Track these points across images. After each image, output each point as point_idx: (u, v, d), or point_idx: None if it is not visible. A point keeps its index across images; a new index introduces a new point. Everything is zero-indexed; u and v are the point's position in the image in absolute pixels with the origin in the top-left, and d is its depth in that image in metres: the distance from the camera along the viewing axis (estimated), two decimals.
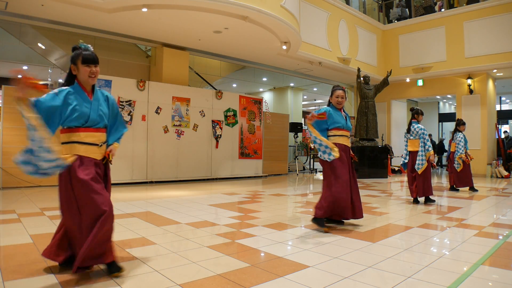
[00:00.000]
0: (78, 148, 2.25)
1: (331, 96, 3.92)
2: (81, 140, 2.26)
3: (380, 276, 2.35)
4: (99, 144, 2.32)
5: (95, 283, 2.15)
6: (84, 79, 2.28)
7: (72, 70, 2.30)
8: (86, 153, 2.27)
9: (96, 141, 2.30)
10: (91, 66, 2.26)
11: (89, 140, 2.28)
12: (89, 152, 2.28)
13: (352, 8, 11.76)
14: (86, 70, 2.26)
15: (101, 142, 2.34)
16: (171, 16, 6.86)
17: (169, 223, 3.92)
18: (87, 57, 2.25)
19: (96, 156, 2.31)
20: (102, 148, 2.36)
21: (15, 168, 6.53)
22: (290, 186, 8.20)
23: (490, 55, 10.63)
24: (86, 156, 2.26)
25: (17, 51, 9.34)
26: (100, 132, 2.34)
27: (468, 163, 7.15)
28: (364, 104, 10.60)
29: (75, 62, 2.26)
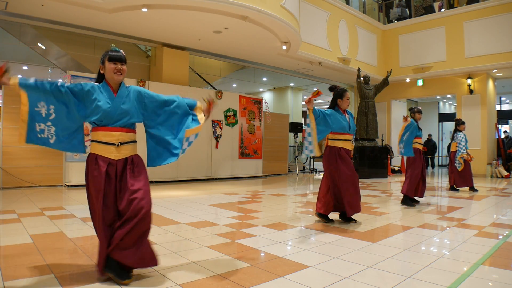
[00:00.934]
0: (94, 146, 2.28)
1: (340, 98, 3.89)
2: (98, 139, 2.27)
3: (380, 276, 2.35)
4: (116, 144, 2.27)
5: (95, 283, 2.15)
6: (110, 76, 2.29)
7: (100, 69, 2.35)
8: (102, 153, 2.26)
9: (114, 141, 2.26)
10: (117, 63, 2.29)
11: (106, 139, 2.26)
12: (104, 151, 2.26)
13: (352, 8, 11.76)
14: (111, 67, 2.28)
15: (119, 141, 2.28)
16: (171, 16, 6.86)
17: (169, 223, 3.92)
18: (114, 55, 2.30)
19: (112, 156, 2.26)
20: (121, 148, 2.29)
21: (15, 168, 6.56)
22: (290, 186, 8.20)
23: (490, 55, 10.63)
24: (101, 156, 2.26)
25: (17, 51, 9.33)
26: (120, 131, 2.29)
27: (470, 161, 7.16)
28: (364, 104, 10.60)
29: (103, 61, 2.32)
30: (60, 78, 9.90)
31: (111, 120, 2.26)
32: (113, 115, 2.26)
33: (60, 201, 5.41)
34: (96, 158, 2.25)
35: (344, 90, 3.93)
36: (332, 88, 4.01)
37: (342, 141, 3.87)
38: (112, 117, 2.26)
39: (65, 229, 3.51)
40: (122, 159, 2.30)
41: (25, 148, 6.68)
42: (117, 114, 2.27)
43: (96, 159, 2.25)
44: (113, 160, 2.26)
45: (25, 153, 6.70)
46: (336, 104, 3.95)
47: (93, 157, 2.26)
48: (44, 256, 2.64)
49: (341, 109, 3.93)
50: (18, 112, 7.09)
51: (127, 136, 2.33)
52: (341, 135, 3.87)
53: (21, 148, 6.66)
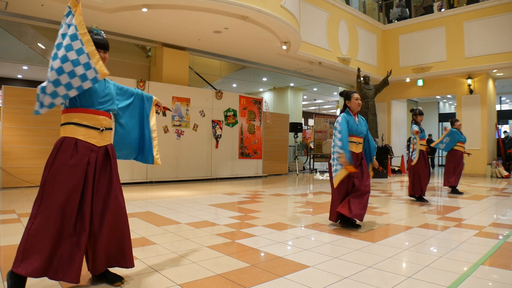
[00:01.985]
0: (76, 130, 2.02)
1: (349, 100, 3.83)
2: (79, 122, 2.03)
3: (380, 276, 2.35)
4: (100, 129, 2.08)
5: (95, 283, 2.15)
6: None
7: None
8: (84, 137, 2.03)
9: (98, 125, 2.07)
10: (100, 51, 2.09)
11: (89, 122, 2.05)
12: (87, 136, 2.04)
13: (352, 8, 11.76)
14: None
15: (103, 126, 2.10)
16: (171, 16, 6.86)
17: (169, 223, 3.92)
18: (98, 41, 2.11)
19: (96, 142, 2.07)
20: (104, 134, 2.11)
21: (15, 168, 6.56)
22: (290, 186, 8.20)
23: (490, 55, 10.63)
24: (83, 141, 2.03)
25: (17, 51, 9.34)
26: (103, 116, 2.11)
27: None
28: (364, 104, 10.59)
29: None
30: None
31: (96, 100, 2.08)
32: (99, 94, 2.10)
33: None
34: (75, 143, 1.99)
35: (352, 92, 3.86)
36: (341, 93, 3.99)
37: (350, 143, 3.75)
38: (98, 97, 2.09)
39: None
40: (103, 146, 2.12)
41: (25, 148, 6.68)
42: (102, 95, 2.12)
43: (75, 144, 1.99)
44: (95, 147, 2.06)
45: (25, 153, 6.70)
46: (347, 107, 3.88)
47: (71, 142, 1.99)
48: None
49: (352, 112, 3.83)
50: (18, 112, 7.04)
51: (109, 122, 2.17)
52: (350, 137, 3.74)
53: (21, 148, 6.66)
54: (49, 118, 6.86)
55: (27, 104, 6.71)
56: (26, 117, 6.69)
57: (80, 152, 2.00)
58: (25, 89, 6.98)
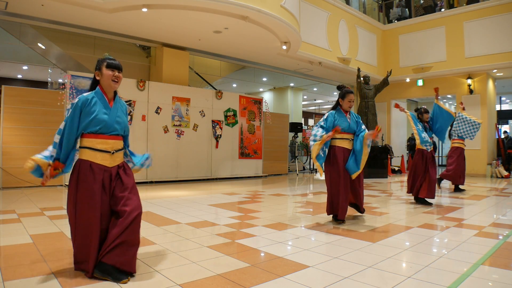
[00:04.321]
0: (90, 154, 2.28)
1: (342, 99, 3.95)
2: (93, 147, 2.28)
3: (380, 276, 2.35)
4: (111, 152, 2.32)
5: (96, 283, 2.15)
6: (107, 83, 2.33)
7: (96, 76, 2.36)
8: (96, 160, 2.28)
9: (109, 148, 2.31)
10: (114, 71, 2.34)
11: (101, 147, 2.29)
12: (100, 159, 2.29)
13: (352, 8, 11.76)
14: (109, 74, 2.32)
15: (114, 149, 2.34)
16: (171, 16, 6.86)
17: (169, 223, 3.92)
18: (112, 62, 2.35)
19: (107, 163, 2.30)
20: (115, 155, 2.35)
21: (15, 168, 6.56)
22: (290, 186, 8.20)
23: (490, 55, 10.62)
24: (96, 163, 2.28)
25: (17, 51, 9.34)
26: (114, 140, 2.35)
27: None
28: (364, 104, 10.60)
29: (100, 68, 2.34)
30: (60, 78, 9.91)
31: (108, 129, 2.31)
32: (110, 126, 2.31)
33: (60, 201, 5.40)
34: (90, 165, 2.26)
35: (348, 91, 3.95)
36: (339, 87, 4.10)
37: (339, 140, 3.94)
38: (109, 127, 2.32)
39: (65, 229, 3.50)
40: (115, 166, 2.36)
41: (25, 148, 6.68)
42: (113, 125, 2.33)
43: (90, 166, 2.26)
44: (107, 168, 2.31)
45: (25, 153, 6.70)
46: (339, 104, 4.00)
47: (87, 164, 2.26)
48: (44, 256, 2.64)
49: (343, 110, 3.99)
50: (18, 112, 7.06)
51: (119, 144, 2.39)
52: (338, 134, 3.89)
53: (21, 148, 6.66)
54: (49, 118, 6.86)
55: (27, 104, 6.71)
56: (26, 117, 6.69)
57: (95, 173, 2.26)
58: (25, 89, 6.98)
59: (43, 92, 7.17)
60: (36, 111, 6.77)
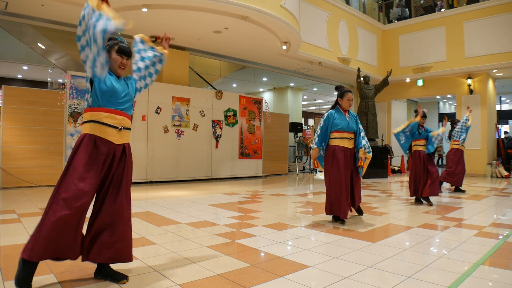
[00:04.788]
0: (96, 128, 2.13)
1: (341, 98, 3.98)
2: (100, 120, 2.13)
3: (380, 276, 2.35)
4: (119, 128, 2.18)
5: (95, 283, 2.15)
6: (114, 67, 2.25)
7: None
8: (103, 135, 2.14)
9: (117, 124, 2.17)
10: (123, 57, 2.26)
11: (108, 121, 2.15)
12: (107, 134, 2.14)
13: (352, 8, 11.76)
14: (118, 59, 2.24)
15: (121, 125, 2.19)
16: (171, 16, 6.86)
17: (169, 223, 3.92)
18: (123, 48, 2.27)
19: (114, 139, 2.17)
20: (122, 133, 2.21)
21: (15, 168, 6.56)
22: (290, 186, 8.20)
23: (490, 55, 10.62)
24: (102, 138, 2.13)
25: (17, 51, 9.34)
26: (122, 116, 2.21)
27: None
28: (364, 104, 10.60)
29: (110, 50, 2.24)
30: (60, 78, 9.92)
31: (116, 100, 2.19)
32: (119, 95, 2.20)
33: None
34: (95, 140, 2.11)
35: (347, 90, 4.00)
36: (337, 87, 4.11)
37: (339, 139, 3.93)
38: (118, 97, 2.20)
39: None
40: (121, 145, 2.23)
41: (25, 148, 6.68)
42: (122, 96, 2.23)
43: (95, 141, 2.11)
44: (113, 144, 2.17)
45: (25, 153, 6.70)
46: (338, 104, 4.01)
47: (91, 138, 2.11)
48: None
49: (342, 109, 4.01)
50: (18, 112, 7.04)
51: (127, 122, 2.27)
52: (338, 133, 3.93)
53: (21, 148, 6.66)
54: (49, 118, 6.86)
55: (27, 104, 6.71)
56: (26, 117, 6.69)
57: (99, 148, 2.12)
58: (25, 89, 6.97)
59: (43, 92, 7.17)
60: (36, 111, 6.77)
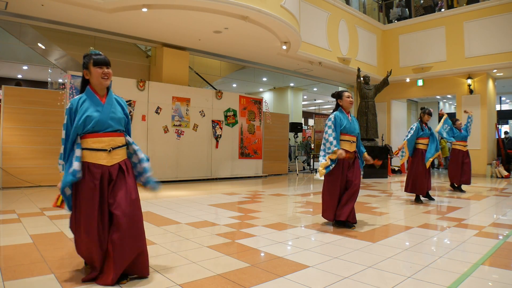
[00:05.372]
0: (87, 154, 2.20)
1: (340, 99, 3.90)
2: (89, 147, 2.20)
3: (380, 276, 2.35)
4: (108, 150, 2.22)
5: (95, 283, 2.15)
6: (97, 81, 2.24)
7: (85, 75, 2.28)
8: (93, 160, 2.20)
9: (105, 146, 2.21)
10: (103, 68, 2.24)
11: (97, 146, 2.20)
12: (96, 158, 2.20)
13: (352, 8, 11.76)
14: (98, 72, 2.23)
15: (110, 147, 2.23)
16: (171, 16, 6.86)
17: (169, 223, 3.92)
18: (99, 59, 2.24)
19: (105, 162, 2.21)
20: (113, 153, 2.24)
21: (15, 168, 6.56)
22: (290, 186, 8.20)
23: (490, 55, 10.62)
24: (93, 163, 2.19)
25: (17, 51, 9.35)
26: (110, 137, 2.24)
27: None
28: (364, 104, 10.60)
29: (87, 67, 2.25)
30: (60, 78, 9.92)
31: (102, 127, 2.22)
32: (104, 122, 2.22)
33: None
34: (88, 166, 2.18)
35: (343, 91, 3.98)
36: (333, 95, 4.05)
37: (342, 142, 3.83)
38: (103, 124, 2.22)
39: (65, 229, 3.51)
40: (116, 164, 2.26)
41: (25, 148, 6.68)
42: (107, 121, 2.23)
43: (88, 167, 2.18)
44: (105, 167, 2.21)
45: (25, 153, 6.70)
46: (339, 106, 3.95)
47: (84, 166, 2.18)
48: (44, 256, 2.64)
49: (345, 111, 3.90)
50: (18, 112, 7.05)
51: (118, 141, 2.28)
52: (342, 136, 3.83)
53: (21, 148, 6.66)
54: (49, 118, 6.86)
55: (27, 104, 6.71)
56: (26, 117, 6.69)
57: (92, 173, 2.19)
58: (25, 89, 6.97)
59: (43, 92, 7.17)
60: (36, 111, 6.77)
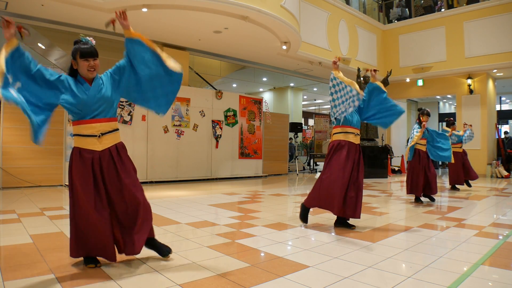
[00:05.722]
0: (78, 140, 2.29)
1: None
2: (80, 133, 2.27)
3: (380, 276, 2.35)
4: (97, 135, 2.27)
5: (95, 283, 2.15)
6: (84, 72, 2.27)
7: (73, 65, 2.29)
8: (84, 145, 2.27)
9: (95, 132, 2.26)
10: (89, 60, 2.25)
11: (87, 132, 2.26)
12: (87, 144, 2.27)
13: (352, 8, 11.76)
14: (84, 64, 2.24)
15: (100, 132, 2.28)
16: (171, 16, 6.86)
17: (169, 223, 3.92)
18: (85, 50, 2.24)
19: (95, 147, 2.28)
20: (103, 138, 2.30)
21: (15, 168, 6.56)
22: (290, 186, 8.20)
23: (490, 55, 10.62)
24: (85, 148, 2.27)
25: None
26: (101, 123, 2.29)
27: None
28: None
29: (75, 57, 2.25)
30: None
31: (89, 110, 2.24)
32: (90, 105, 2.24)
33: (60, 201, 5.40)
34: (80, 152, 2.27)
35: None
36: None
37: (343, 134, 3.74)
38: (90, 107, 2.24)
39: (65, 229, 3.50)
40: (106, 149, 2.32)
41: (25, 148, 6.68)
42: (94, 103, 2.25)
43: (80, 152, 2.27)
44: (96, 152, 2.28)
45: (25, 153, 6.70)
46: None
47: (76, 151, 2.28)
48: (44, 256, 2.64)
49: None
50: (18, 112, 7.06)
51: (108, 126, 2.32)
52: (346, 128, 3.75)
53: (21, 148, 6.66)
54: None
55: None
56: (26, 117, 6.68)
57: (83, 158, 2.26)
58: None
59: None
60: None
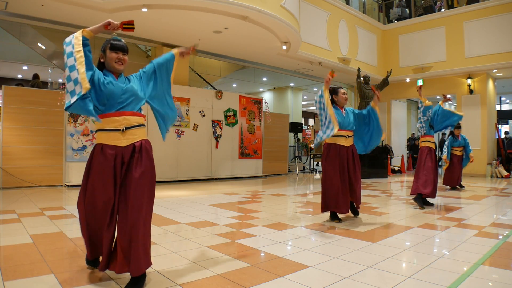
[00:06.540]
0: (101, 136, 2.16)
1: (335, 95, 4.04)
2: (103, 127, 2.14)
3: (380, 276, 2.35)
4: (121, 129, 2.13)
5: (95, 283, 2.15)
6: (111, 65, 2.21)
7: (101, 58, 2.26)
8: (107, 141, 2.14)
9: (118, 126, 2.13)
10: (118, 53, 2.22)
11: (111, 126, 2.13)
12: (110, 139, 2.13)
13: (352, 8, 11.76)
14: (113, 56, 2.20)
15: (124, 126, 2.13)
16: (171, 16, 6.86)
17: (169, 223, 3.92)
18: (116, 44, 2.24)
19: (119, 142, 2.13)
20: (127, 133, 2.14)
21: (15, 168, 6.56)
22: (290, 186, 8.20)
23: (490, 55, 10.62)
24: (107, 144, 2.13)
25: (17, 51, 9.35)
26: (124, 115, 2.15)
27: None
28: (364, 104, 10.58)
29: (104, 50, 2.24)
30: (60, 78, 9.91)
31: (114, 101, 2.14)
32: (115, 97, 2.14)
33: (60, 201, 5.41)
34: (102, 148, 2.14)
35: (338, 87, 4.11)
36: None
37: (334, 137, 3.95)
38: (115, 99, 2.14)
39: (65, 229, 3.51)
40: (130, 145, 2.15)
41: (25, 148, 6.68)
42: (120, 95, 2.16)
43: (102, 148, 2.14)
44: (119, 147, 2.13)
45: (25, 153, 6.70)
46: (334, 102, 4.04)
47: (99, 147, 2.16)
48: (44, 256, 2.64)
49: (339, 106, 4.05)
50: (18, 112, 7.06)
51: (133, 120, 2.18)
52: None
53: (21, 148, 6.66)
54: (49, 118, 6.86)
55: (27, 104, 6.71)
56: (26, 117, 6.69)
57: (105, 154, 2.13)
58: (25, 89, 6.97)
59: (43, 92, 7.17)
60: (36, 111, 6.77)
